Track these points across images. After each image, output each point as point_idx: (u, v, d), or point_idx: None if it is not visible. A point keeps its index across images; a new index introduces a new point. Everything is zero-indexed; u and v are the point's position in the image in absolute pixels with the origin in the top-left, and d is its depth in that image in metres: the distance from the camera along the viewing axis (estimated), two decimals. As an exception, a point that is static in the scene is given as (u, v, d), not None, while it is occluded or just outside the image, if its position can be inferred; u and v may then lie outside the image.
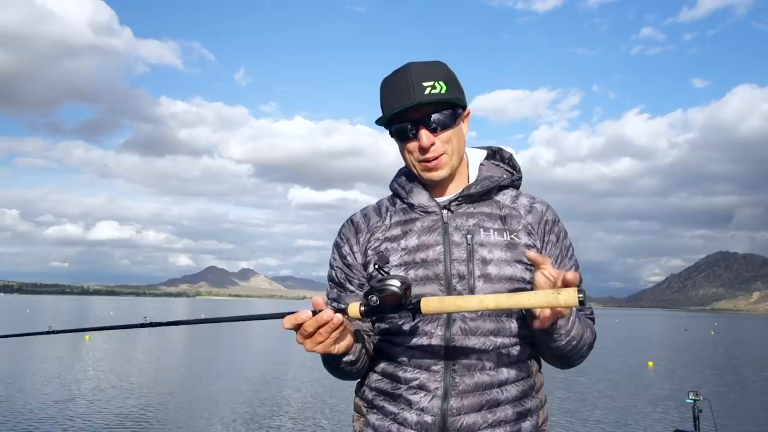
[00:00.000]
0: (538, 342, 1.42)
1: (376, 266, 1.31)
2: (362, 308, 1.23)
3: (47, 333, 1.66)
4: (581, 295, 1.10)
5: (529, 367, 1.45)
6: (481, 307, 1.18)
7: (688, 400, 4.64)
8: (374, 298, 1.20)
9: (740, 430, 9.55)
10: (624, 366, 18.63)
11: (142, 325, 1.42)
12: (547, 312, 1.20)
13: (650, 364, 19.11)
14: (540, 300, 1.12)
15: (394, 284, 1.19)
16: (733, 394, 13.50)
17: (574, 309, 1.34)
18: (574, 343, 1.37)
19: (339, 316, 1.22)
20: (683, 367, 19.18)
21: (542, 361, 1.53)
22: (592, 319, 1.53)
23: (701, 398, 4.66)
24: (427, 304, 1.19)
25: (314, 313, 1.22)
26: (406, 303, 1.20)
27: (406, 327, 1.42)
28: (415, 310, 1.20)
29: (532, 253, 1.27)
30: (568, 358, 1.43)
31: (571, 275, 1.14)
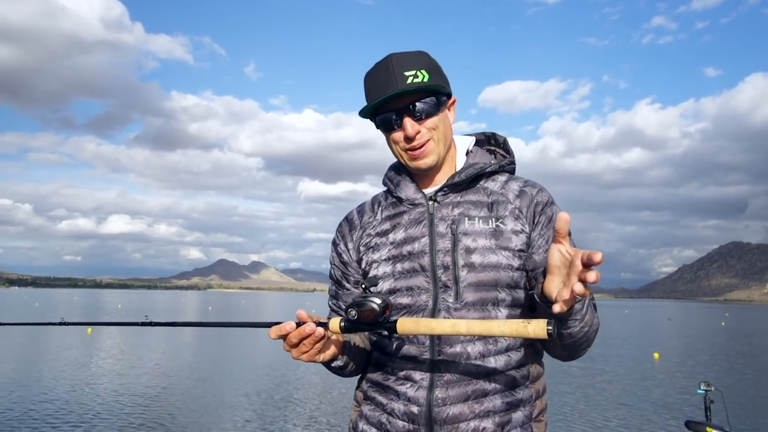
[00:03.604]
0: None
1: (363, 286, 1.32)
2: (342, 324, 1.27)
3: (61, 324, 1.66)
4: (550, 327, 1.10)
5: (521, 356, 1.40)
6: (452, 331, 1.19)
7: (700, 391, 4.49)
8: (353, 312, 1.23)
9: (752, 421, 9.38)
10: (630, 358, 18.44)
11: (143, 324, 1.48)
12: (566, 294, 1.11)
13: (656, 355, 18.89)
14: (510, 329, 1.14)
15: (374, 301, 1.23)
16: (744, 386, 13.30)
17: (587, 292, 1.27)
18: (586, 329, 1.31)
19: (320, 329, 1.27)
20: (691, 359, 18.94)
21: (544, 353, 1.49)
22: (594, 307, 1.46)
23: (713, 389, 4.49)
24: (403, 324, 1.23)
25: (298, 324, 1.26)
26: (383, 321, 1.24)
27: None
28: (391, 329, 1.24)
29: (564, 215, 1.14)
30: (578, 347, 1.37)
31: (599, 256, 1.03)
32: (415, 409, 1.36)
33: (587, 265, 1.05)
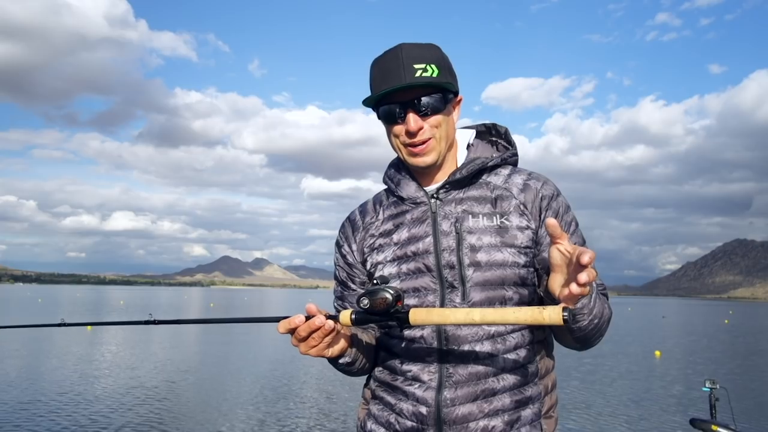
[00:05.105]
0: (558, 328, 1.34)
1: (374, 282, 1.29)
2: (353, 316, 1.26)
3: (61, 325, 1.63)
4: (566, 313, 1.09)
5: (529, 353, 1.38)
6: (466, 319, 1.18)
7: (705, 389, 4.45)
8: (365, 300, 1.23)
9: (758, 419, 9.35)
10: (632, 355, 18.36)
11: (147, 322, 1.47)
12: (571, 290, 1.09)
13: (657, 353, 18.81)
14: (525, 315, 1.13)
15: (387, 290, 1.22)
16: (749, 383, 13.27)
17: (594, 285, 1.25)
18: (596, 321, 1.29)
19: (330, 322, 1.25)
20: (694, 356, 18.88)
21: (554, 347, 1.47)
22: (606, 295, 1.45)
23: (718, 386, 4.46)
24: (415, 314, 1.22)
25: (307, 318, 1.25)
26: (395, 311, 1.23)
27: None
28: (403, 319, 1.22)
29: (551, 221, 1.13)
30: (589, 338, 1.35)
31: (587, 257, 1.04)
32: (423, 409, 1.35)
33: (582, 266, 1.06)
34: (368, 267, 1.49)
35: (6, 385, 10.75)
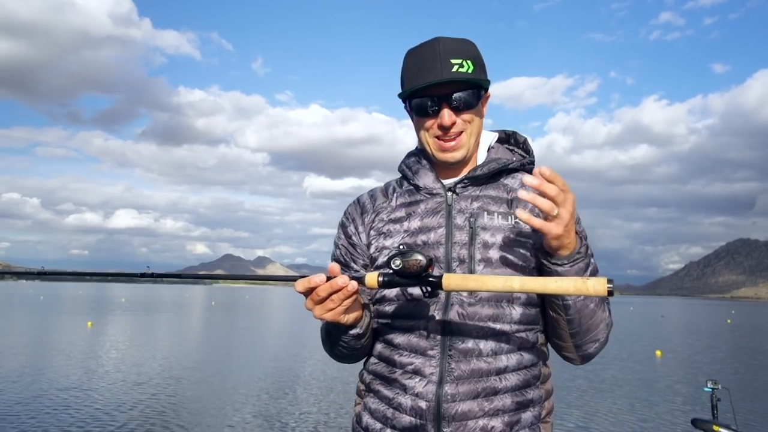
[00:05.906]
0: (555, 312, 1.33)
1: (402, 246, 1.26)
2: (380, 278, 1.19)
3: (41, 273, 1.64)
4: (611, 285, 1.07)
5: (533, 356, 1.37)
6: (505, 287, 1.14)
7: (707, 389, 4.43)
8: (398, 261, 1.17)
9: (760, 419, 9.32)
10: (633, 355, 18.32)
11: (143, 275, 1.43)
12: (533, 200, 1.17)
13: (658, 353, 18.76)
14: (567, 286, 1.10)
15: (421, 253, 1.18)
16: (752, 383, 13.24)
17: (586, 244, 1.28)
18: (592, 306, 1.29)
19: (354, 283, 1.19)
20: (695, 357, 18.82)
21: (551, 353, 1.47)
22: (609, 310, 1.44)
23: (720, 387, 4.44)
24: (449, 279, 1.16)
25: (329, 278, 1.20)
26: (426, 276, 1.18)
27: (404, 310, 1.38)
28: (436, 284, 1.17)
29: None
30: (584, 333, 1.35)
31: (542, 168, 1.15)
32: (423, 404, 1.32)
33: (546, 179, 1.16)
34: (372, 251, 1.46)
35: (11, 381, 10.78)
